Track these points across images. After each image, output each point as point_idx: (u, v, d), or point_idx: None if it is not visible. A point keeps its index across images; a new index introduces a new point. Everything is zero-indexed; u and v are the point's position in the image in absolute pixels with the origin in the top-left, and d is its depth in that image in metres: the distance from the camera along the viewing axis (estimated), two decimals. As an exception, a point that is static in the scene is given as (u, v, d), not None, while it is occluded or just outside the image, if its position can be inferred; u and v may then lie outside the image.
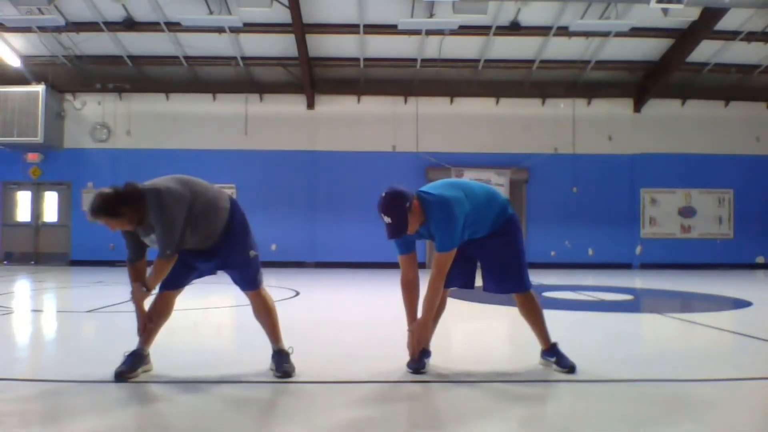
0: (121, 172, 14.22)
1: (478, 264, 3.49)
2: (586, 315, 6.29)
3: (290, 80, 14.08)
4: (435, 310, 3.34)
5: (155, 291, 3.25)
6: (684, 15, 11.32)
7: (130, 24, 12.41)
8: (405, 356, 3.41)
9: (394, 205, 3.12)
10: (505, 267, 3.39)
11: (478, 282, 3.55)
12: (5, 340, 4.55)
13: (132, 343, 3.24)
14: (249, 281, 3.32)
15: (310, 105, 14.44)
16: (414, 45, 13.17)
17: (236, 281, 3.37)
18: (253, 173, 14.02)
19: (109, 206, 3.00)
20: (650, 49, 13.51)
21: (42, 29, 12.41)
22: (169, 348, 3.87)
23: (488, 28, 12.54)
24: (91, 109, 14.47)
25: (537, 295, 3.54)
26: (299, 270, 13.15)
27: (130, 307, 3.30)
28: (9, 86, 13.59)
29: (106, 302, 6.58)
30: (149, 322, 3.22)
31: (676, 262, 14.32)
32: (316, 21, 12.48)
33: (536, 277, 7.83)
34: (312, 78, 13.94)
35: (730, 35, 12.71)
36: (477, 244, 3.38)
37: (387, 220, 3.14)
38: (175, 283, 3.28)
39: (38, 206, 14.56)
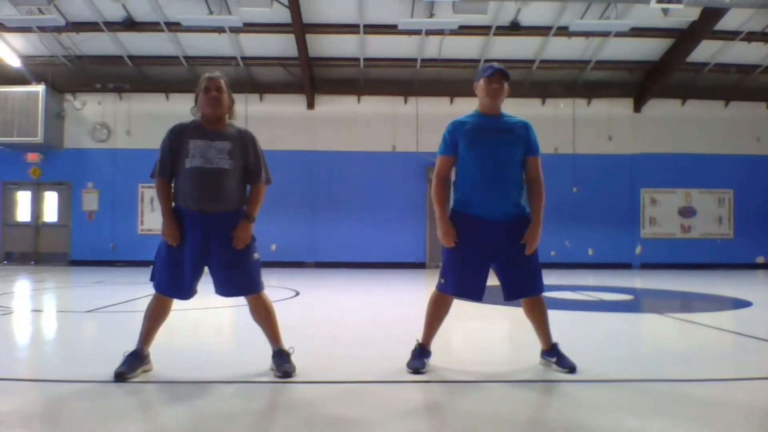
0: (121, 172, 14.26)
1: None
2: (586, 315, 6.29)
3: (290, 80, 14.09)
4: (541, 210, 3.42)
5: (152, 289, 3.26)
6: (684, 15, 11.32)
7: (130, 24, 12.41)
8: (405, 356, 3.42)
9: (507, 74, 3.42)
10: (528, 270, 3.37)
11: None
12: (5, 340, 4.54)
13: (132, 343, 3.24)
14: (251, 284, 3.30)
15: (310, 105, 14.44)
16: (414, 45, 13.17)
17: (235, 286, 3.29)
18: (253, 173, 13.99)
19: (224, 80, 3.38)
20: (650, 49, 13.51)
21: (42, 29, 12.40)
22: (169, 348, 3.87)
23: (488, 28, 12.54)
24: (91, 109, 14.47)
25: None
26: (299, 270, 13.15)
27: (129, 307, 3.29)
28: (9, 86, 13.59)
29: (106, 302, 6.57)
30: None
31: (676, 262, 14.32)
32: (316, 21, 12.48)
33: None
34: (312, 78, 13.94)
35: (730, 35, 12.72)
36: (499, 251, 3.33)
37: (496, 78, 3.37)
38: (171, 286, 3.25)
39: (38, 206, 14.56)
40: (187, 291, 3.27)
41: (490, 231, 3.30)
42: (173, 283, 3.23)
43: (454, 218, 3.37)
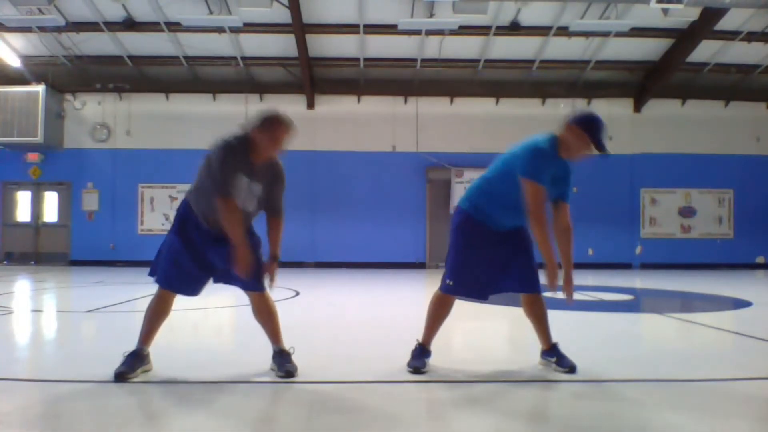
0: (121, 172, 14.26)
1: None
2: (586, 315, 6.28)
3: (290, 80, 14.08)
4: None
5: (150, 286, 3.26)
6: (684, 15, 11.32)
7: (130, 24, 12.41)
8: (405, 356, 3.42)
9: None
10: (533, 266, 3.42)
11: None
12: (5, 340, 4.54)
13: (132, 342, 3.24)
14: (257, 283, 3.31)
15: (310, 105, 14.44)
16: (414, 45, 13.17)
17: (241, 280, 3.30)
18: (253, 173, 13.99)
19: None
20: (650, 49, 13.51)
21: (42, 29, 12.40)
22: (169, 348, 3.88)
23: (488, 28, 12.54)
24: (91, 109, 14.47)
25: None
26: (299, 270, 13.15)
27: (129, 307, 3.30)
28: (9, 86, 13.59)
29: (106, 302, 6.57)
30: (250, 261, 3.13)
31: (676, 262, 14.32)
32: (316, 21, 12.48)
33: (536, 277, 7.80)
34: (312, 78, 13.94)
35: (730, 35, 12.71)
36: (510, 247, 3.38)
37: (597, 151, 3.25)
38: (178, 284, 3.27)
39: (38, 206, 14.56)
40: (198, 290, 3.34)
41: (498, 237, 3.37)
42: (186, 281, 3.26)
43: (467, 222, 3.37)
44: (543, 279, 3.34)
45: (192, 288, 3.31)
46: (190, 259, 3.20)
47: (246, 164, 3.11)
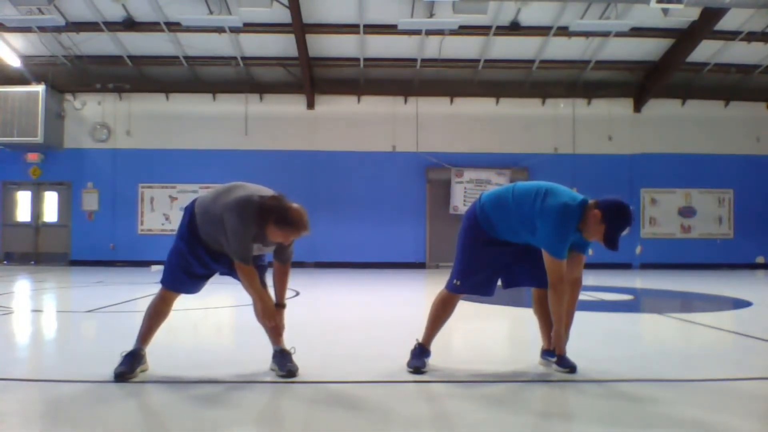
0: (121, 172, 14.26)
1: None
2: (586, 315, 6.28)
3: (290, 80, 14.09)
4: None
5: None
6: (684, 15, 11.33)
7: (130, 24, 12.41)
8: (405, 356, 3.42)
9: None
10: (536, 261, 3.40)
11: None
12: (5, 340, 4.54)
13: (131, 343, 3.24)
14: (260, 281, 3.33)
15: (310, 105, 14.44)
16: (414, 45, 13.17)
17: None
18: (253, 173, 13.85)
19: None
20: (650, 49, 13.51)
21: (42, 29, 12.40)
22: (169, 348, 3.88)
23: (488, 28, 12.54)
24: (91, 109, 14.47)
25: None
26: (299, 270, 13.14)
27: (130, 307, 3.31)
28: (9, 86, 13.58)
29: (106, 302, 6.57)
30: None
31: (676, 262, 14.32)
32: (316, 21, 12.48)
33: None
34: (312, 78, 13.94)
35: (730, 35, 12.72)
36: (521, 246, 3.40)
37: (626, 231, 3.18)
38: (185, 288, 3.32)
39: (38, 206, 14.56)
40: (201, 288, 3.41)
41: (505, 241, 3.40)
42: (192, 282, 3.33)
43: (475, 227, 3.39)
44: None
45: (197, 286, 3.38)
46: (197, 263, 3.26)
47: (259, 236, 3.13)
